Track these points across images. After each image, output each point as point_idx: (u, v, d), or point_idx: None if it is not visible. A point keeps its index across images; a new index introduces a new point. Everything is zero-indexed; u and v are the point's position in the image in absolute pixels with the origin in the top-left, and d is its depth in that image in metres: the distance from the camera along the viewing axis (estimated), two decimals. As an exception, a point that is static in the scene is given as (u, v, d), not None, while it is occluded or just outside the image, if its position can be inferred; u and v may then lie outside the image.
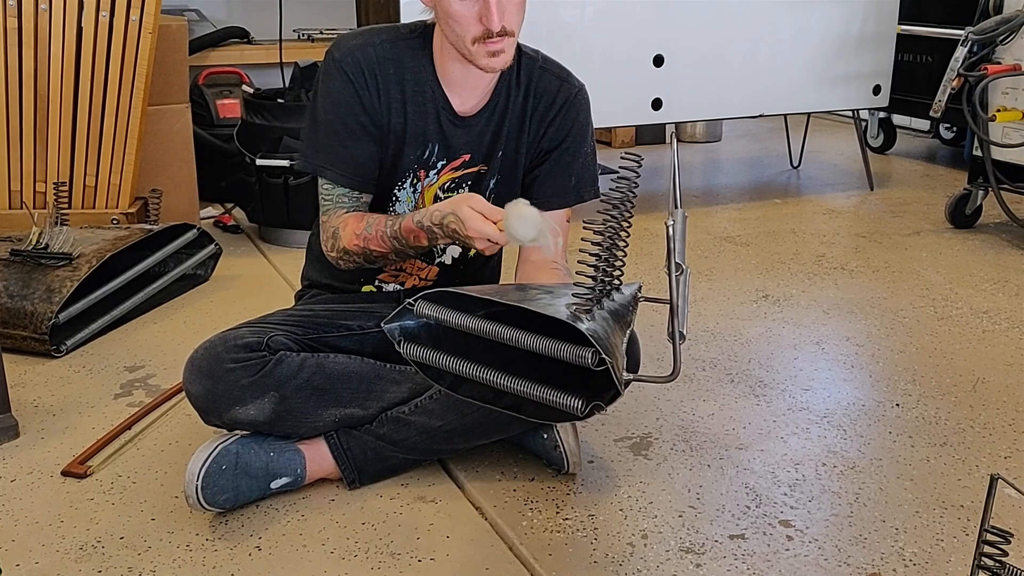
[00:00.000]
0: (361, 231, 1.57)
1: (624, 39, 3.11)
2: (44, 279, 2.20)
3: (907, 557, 1.45)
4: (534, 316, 1.26)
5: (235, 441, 1.55)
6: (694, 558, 1.45)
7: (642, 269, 2.75)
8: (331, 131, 1.60)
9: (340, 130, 1.60)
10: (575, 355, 1.23)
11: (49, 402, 1.95)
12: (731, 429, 1.85)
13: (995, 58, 2.98)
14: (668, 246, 1.27)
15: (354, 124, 1.59)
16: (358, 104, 1.59)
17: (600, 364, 1.21)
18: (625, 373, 1.27)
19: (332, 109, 1.60)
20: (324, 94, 1.61)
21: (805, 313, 2.45)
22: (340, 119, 1.60)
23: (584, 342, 1.22)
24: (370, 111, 1.59)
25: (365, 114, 1.59)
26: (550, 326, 1.25)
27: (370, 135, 1.60)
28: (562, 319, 1.21)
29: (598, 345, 1.18)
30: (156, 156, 2.96)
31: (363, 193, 1.63)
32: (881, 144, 4.36)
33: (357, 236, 1.57)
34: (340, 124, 1.60)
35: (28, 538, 1.50)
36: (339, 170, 1.61)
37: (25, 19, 2.64)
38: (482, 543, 1.50)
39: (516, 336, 1.27)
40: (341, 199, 1.62)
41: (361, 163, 1.61)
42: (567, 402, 1.28)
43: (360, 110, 1.59)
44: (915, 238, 3.09)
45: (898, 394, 2.00)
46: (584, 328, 1.19)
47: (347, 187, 1.62)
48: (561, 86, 1.67)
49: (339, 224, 1.60)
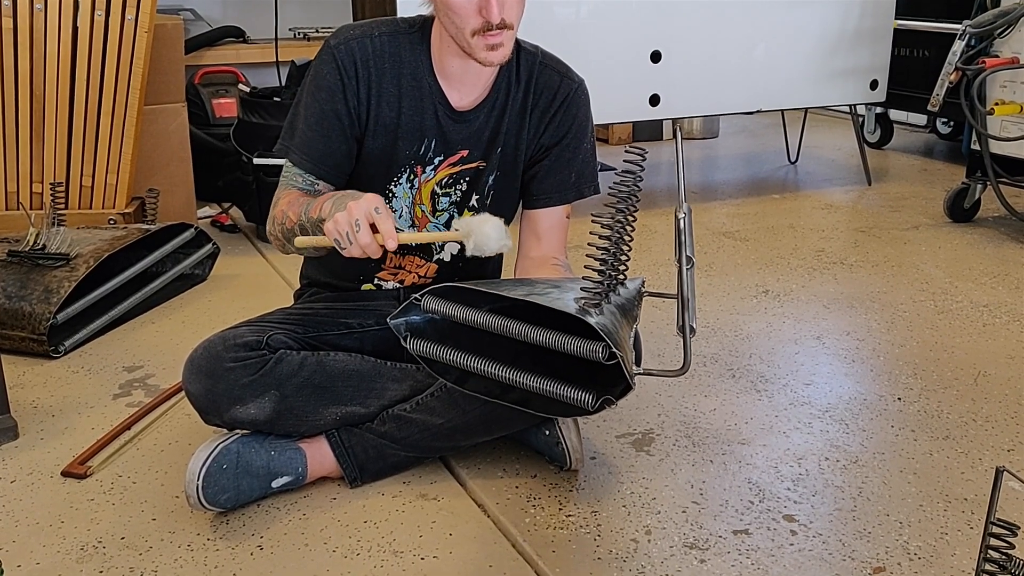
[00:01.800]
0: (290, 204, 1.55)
1: (621, 35, 3.10)
2: (42, 280, 2.19)
3: (912, 551, 1.45)
4: (540, 311, 1.25)
5: (236, 440, 1.54)
6: (698, 554, 1.45)
7: (642, 265, 2.75)
8: (307, 113, 1.60)
9: (315, 114, 1.59)
10: (586, 349, 1.23)
11: (48, 403, 1.94)
12: (733, 424, 1.85)
13: (993, 51, 2.97)
14: (679, 238, 1.26)
15: (330, 111, 1.58)
16: (340, 94, 1.58)
17: (611, 358, 1.20)
18: (634, 367, 1.26)
19: (314, 93, 1.60)
20: (311, 77, 1.61)
21: (805, 308, 2.45)
22: (318, 104, 1.59)
23: (592, 336, 1.21)
24: (351, 103, 1.58)
25: (344, 104, 1.58)
26: (556, 321, 1.25)
27: (343, 126, 1.59)
28: (571, 313, 1.20)
29: (608, 339, 1.18)
30: (153, 156, 2.95)
31: (319, 180, 1.60)
32: (878, 139, 4.36)
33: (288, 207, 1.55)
34: (317, 108, 1.59)
35: (29, 539, 1.49)
36: (302, 153, 1.60)
37: (20, 19, 2.63)
38: (485, 540, 1.49)
39: (525, 331, 1.26)
40: (295, 178, 1.60)
41: (324, 149, 1.59)
42: (577, 396, 1.27)
43: (340, 100, 1.58)
44: (914, 232, 3.09)
45: (900, 388, 1.99)
46: (594, 322, 1.18)
47: (304, 170, 1.60)
48: (562, 82, 1.66)
49: (280, 197, 1.59)
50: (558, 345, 1.24)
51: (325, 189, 1.61)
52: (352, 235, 1.36)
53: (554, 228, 1.70)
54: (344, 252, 1.39)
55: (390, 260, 1.73)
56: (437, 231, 1.68)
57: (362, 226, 1.36)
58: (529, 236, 1.71)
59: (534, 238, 1.70)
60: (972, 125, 2.99)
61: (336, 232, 1.37)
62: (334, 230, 1.38)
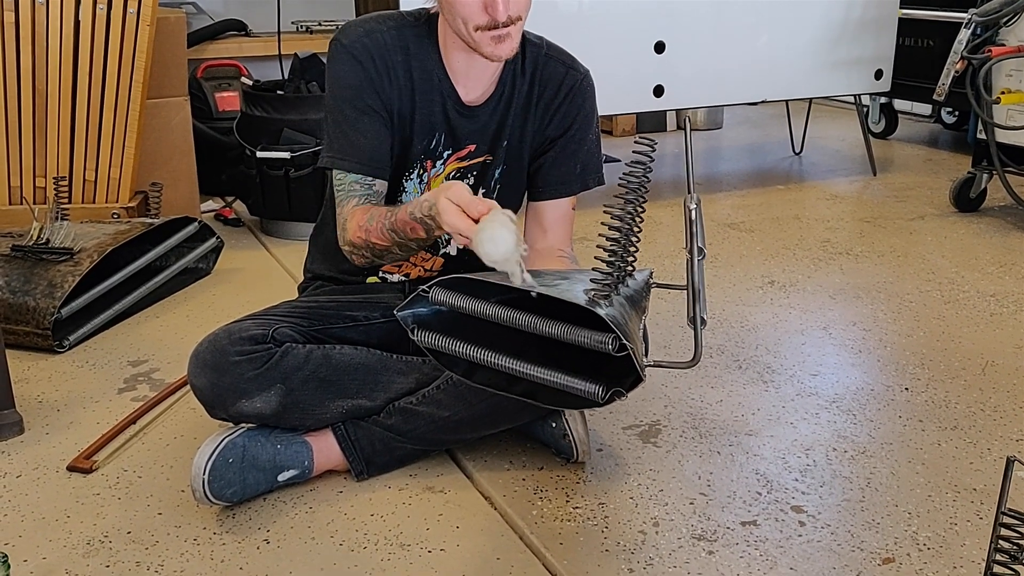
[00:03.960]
0: (364, 223, 1.51)
1: (625, 26, 3.09)
2: (46, 274, 2.18)
3: (921, 541, 1.44)
4: (548, 302, 1.24)
5: (241, 434, 1.54)
6: (706, 545, 1.44)
7: (648, 256, 2.74)
8: (341, 117, 1.56)
9: (350, 114, 1.55)
10: (595, 341, 1.21)
11: (53, 397, 1.94)
12: (740, 416, 1.84)
13: (999, 40, 2.96)
14: (690, 229, 1.25)
15: (363, 106, 1.55)
16: (369, 86, 1.55)
17: (621, 350, 1.19)
18: (644, 359, 1.25)
19: (340, 94, 1.56)
20: (333, 81, 1.57)
21: (811, 298, 2.44)
22: (349, 102, 1.55)
23: (602, 328, 1.20)
24: (380, 93, 1.55)
25: (376, 96, 1.55)
26: (565, 312, 1.24)
27: (380, 117, 1.56)
28: (581, 304, 1.19)
29: (618, 331, 1.16)
30: (156, 150, 2.94)
31: (376, 179, 1.57)
32: (883, 129, 4.35)
33: (360, 228, 1.51)
34: (350, 108, 1.55)
35: (35, 533, 1.49)
36: (348, 157, 1.56)
37: (23, 13, 2.62)
38: (492, 533, 1.49)
39: (534, 322, 1.25)
40: (353, 187, 1.56)
41: (371, 146, 1.55)
42: (587, 388, 1.26)
43: (371, 92, 1.55)
44: (919, 222, 3.08)
45: (907, 378, 1.99)
46: (603, 313, 1.17)
47: (358, 173, 1.56)
48: (567, 73, 1.65)
49: (348, 216, 1.55)
50: (567, 336, 1.23)
51: (382, 188, 1.58)
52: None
53: (560, 220, 1.70)
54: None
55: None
56: None
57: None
58: (535, 228, 1.70)
59: (540, 230, 1.69)
60: (978, 114, 2.98)
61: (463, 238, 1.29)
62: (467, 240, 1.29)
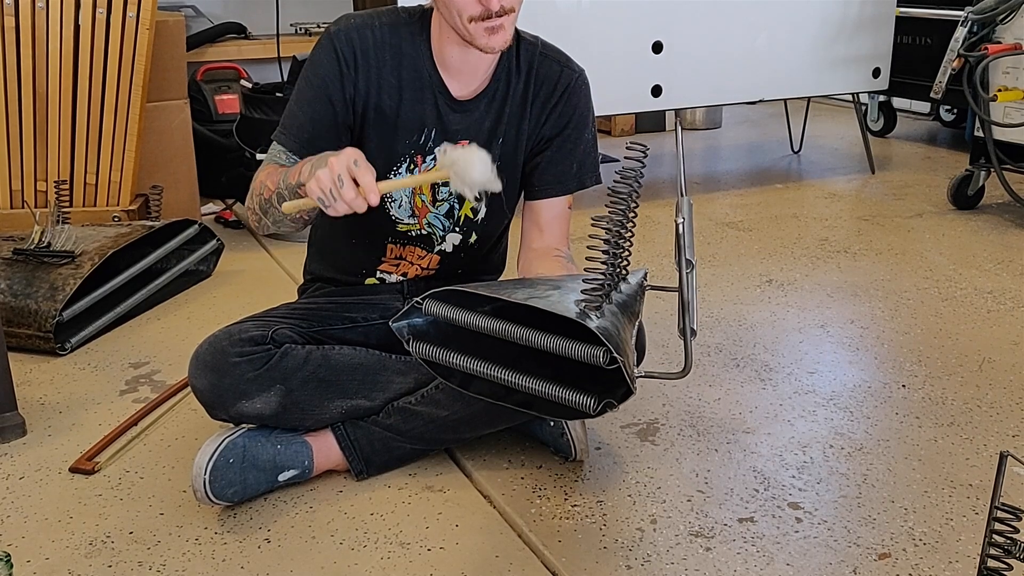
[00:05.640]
0: (267, 173, 1.53)
1: (622, 26, 3.10)
2: (47, 277, 2.20)
3: (917, 537, 1.45)
4: (542, 312, 1.25)
5: (242, 434, 1.55)
6: (704, 542, 1.45)
7: (645, 257, 2.75)
8: (300, 97, 1.60)
9: (308, 98, 1.59)
10: (586, 354, 1.22)
11: (55, 399, 1.95)
12: (738, 413, 1.85)
13: (995, 38, 2.97)
14: (679, 243, 1.26)
15: (323, 97, 1.58)
16: (336, 82, 1.57)
17: (611, 363, 1.20)
18: (636, 369, 1.26)
19: (309, 78, 1.60)
20: (309, 62, 1.61)
21: (809, 297, 2.45)
22: (312, 89, 1.59)
23: (593, 340, 1.21)
24: (347, 91, 1.57)
25: (340, 92, 1.57)
26: (558, 321, 1.24)
27: (334, 112, 1.58)
28: (571, 317, 1.20)
29: (609, 344, 1.16)
30: (156, 153, 2.95)
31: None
32: (881, 127, 4.36)
33: (262, 173, 1.53)
34: (310, 93, 1.59)
35: (38, 535, 1.50)
36: (288, 132, 1.59)
37: (23, 17, 2.64)
38: (491, 531, 1.50)
39: (526, 335, 1.26)
40: (279, 156, 1.59)
41: (313, 132, 1.58)
42: (579, 400, 1.27)
43: (336, 87, 1.57)
44: (917, 220, 3.09)
45: (904, 375, 1.99)
46: (594, 326, 1.17)
47: (289, 150, 1.58)
48: (562, 72, 1.66)
49: (260, 171, 1.57)
50: (559, 349, 1.24)
51: None
52: (336, 191, 1.31)
53: (556, 219, 1.70)
54: (329, 211, 1.34)
55: (390, 251, 1.73)
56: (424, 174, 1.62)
57: (345, 181, 1.31)
58: (531, 227, 1.71)
59: (536, 229, 1.70)
60: (975, 112, 2.99)
61: (319, 191, 1.32)
62: (316, 189, 1.33)
